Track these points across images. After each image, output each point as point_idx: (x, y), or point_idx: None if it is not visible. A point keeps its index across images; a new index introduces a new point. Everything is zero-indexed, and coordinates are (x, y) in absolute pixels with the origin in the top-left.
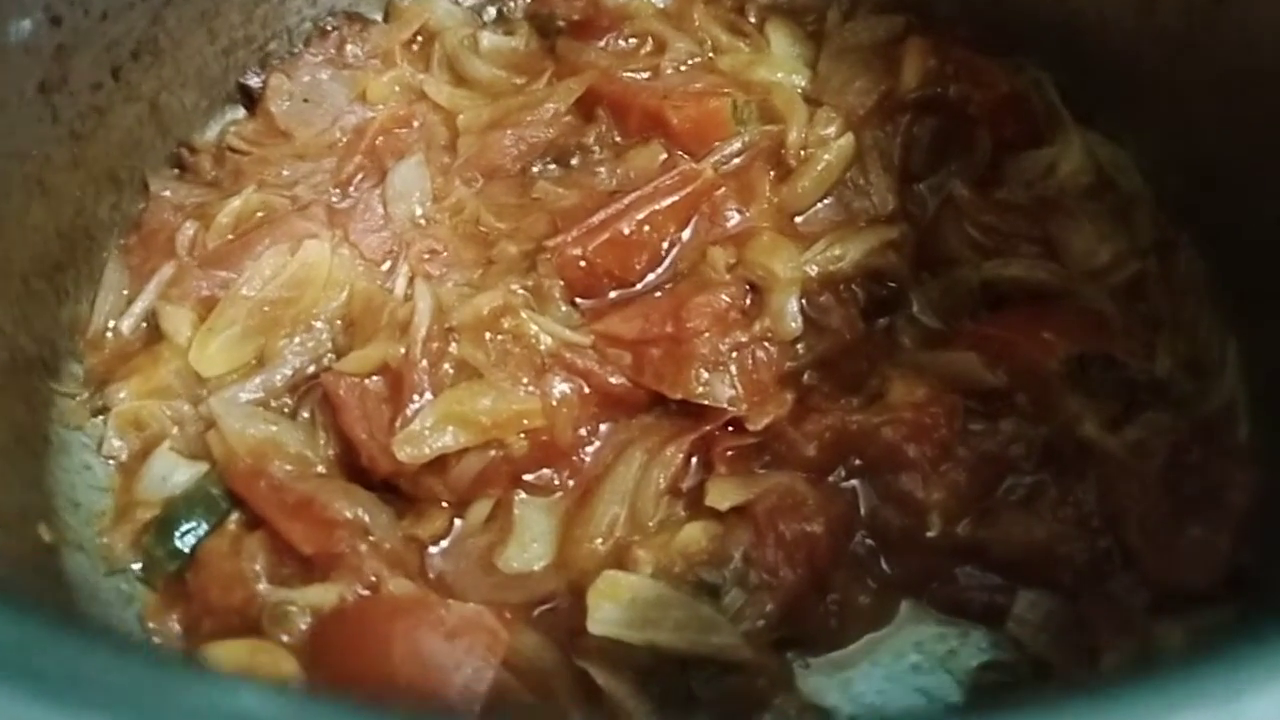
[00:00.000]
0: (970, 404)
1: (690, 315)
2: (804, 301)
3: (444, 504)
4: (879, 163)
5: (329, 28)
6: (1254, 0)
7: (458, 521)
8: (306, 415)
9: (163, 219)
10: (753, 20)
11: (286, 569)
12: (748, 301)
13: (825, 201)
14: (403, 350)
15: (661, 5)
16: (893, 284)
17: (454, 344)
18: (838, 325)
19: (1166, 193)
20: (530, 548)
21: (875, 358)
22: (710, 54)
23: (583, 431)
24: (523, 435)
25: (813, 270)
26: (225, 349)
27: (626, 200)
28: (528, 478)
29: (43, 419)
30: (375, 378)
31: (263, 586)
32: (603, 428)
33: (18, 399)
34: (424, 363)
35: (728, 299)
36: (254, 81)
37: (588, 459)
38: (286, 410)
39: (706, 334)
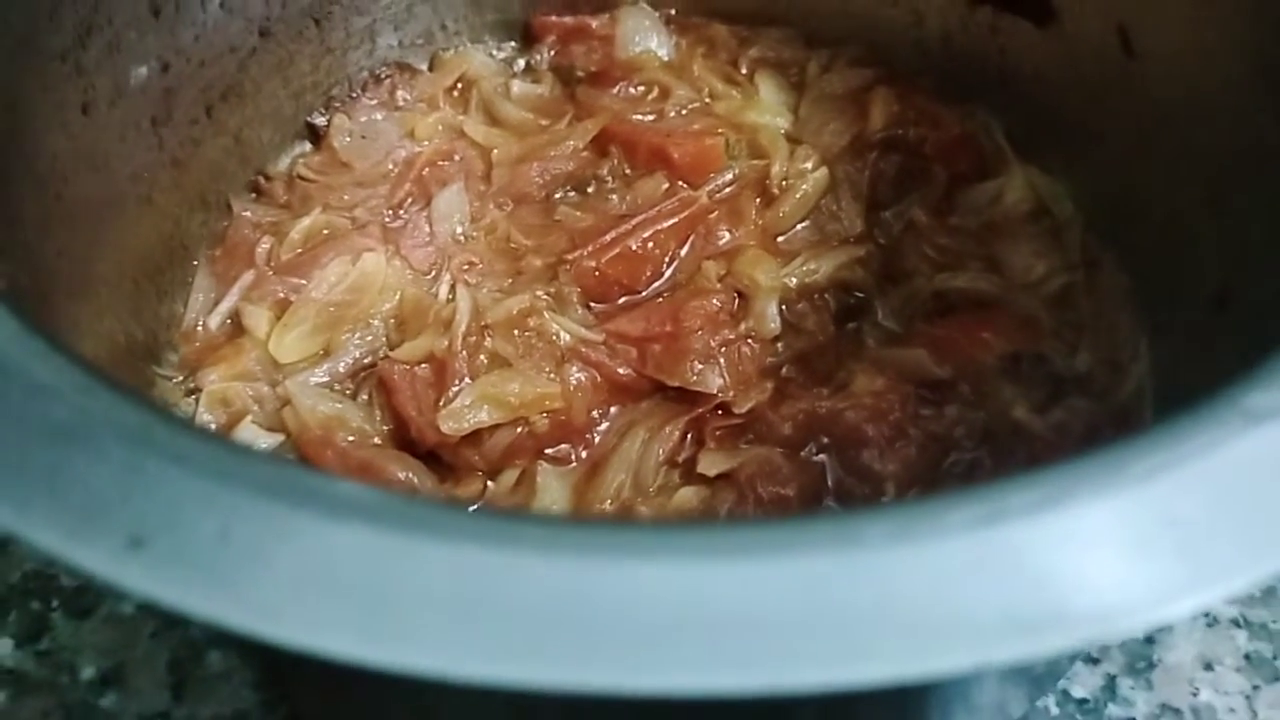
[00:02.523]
0: (921, 393)
1: (687, 317)
2: (783, 307)
3: (479, 471)
4: (850, 192)
5: (383, 76)
6: (1159, 54)
7: (490, 485)
8: (365, 397)
9: (243, 235)
10: (744, 71)
11: None
12: (735, 306)
13: (803, 224)
14: (446, 343)
15: (666, 58)
16: (860, 294)
17: (488, 339)
18: (812, 328)
19: (1093, 218)
20: (550, 509)
21: (843, 355)
22: (707, 100)
23: (595, 414)
24: (544, 415)
25: (792, 281)
26: (298, 341)
27: (634, 222)
28: (548, 451)
29: (147, 397)
30: (423, 366)
31: None
32: (612, 410)
33: (128, 378)
34: (463, 354)
35: (718, 303)
36: (319, 120)
37: (599, 436)
38: (348, 392)
39: (700, 333)
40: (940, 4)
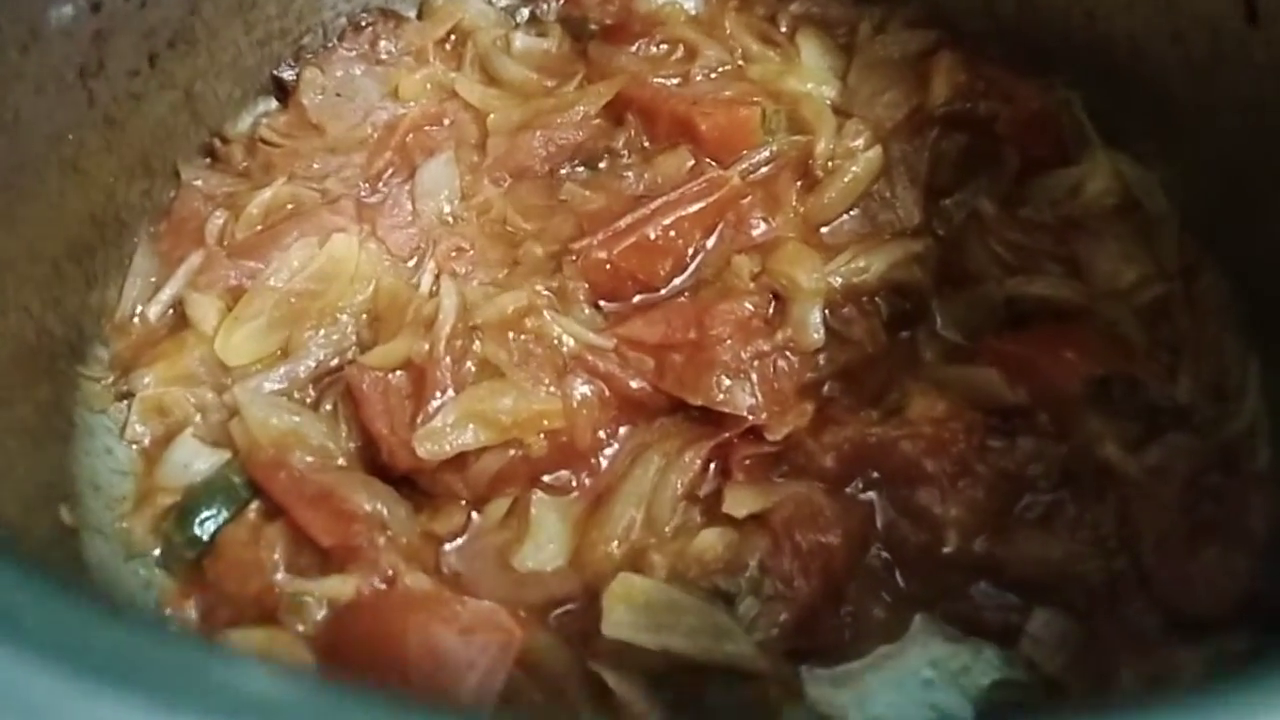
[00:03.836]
0: (990, 420)
1: (713, 322)
2: (827, 312)
3: (461, 501)
4: (906, 176)
5: (363, 23)
6: None
7: (475, 518)
8: (329, 407)
9: (193, 207)
10: (784, 30)
11: (304, 559)
12: (770, 310)
13: (851, 213)
14: (426, 347)
15: (693, 12)
16: (915, 297)
17: (477, 342)
18: (859, 337)
19: (1192, 215)
20: (546, 548)
21: (896, 371)
22: (740, 62)
23: (601, 434)
24: (542, 436)
25: (836, 281)
26: (251, 339)
27: (653, 205)
28: (545, 478)
29: (67, 402)
30: (398, 373)
31: (280, 576)
32: (621, 431)
33: (44, 381)
34: (447, 360)
35: (751, 307)
36: (287, 74)
37: (605, 461)
38: (309, 402)
39: (729, 341)
40: None
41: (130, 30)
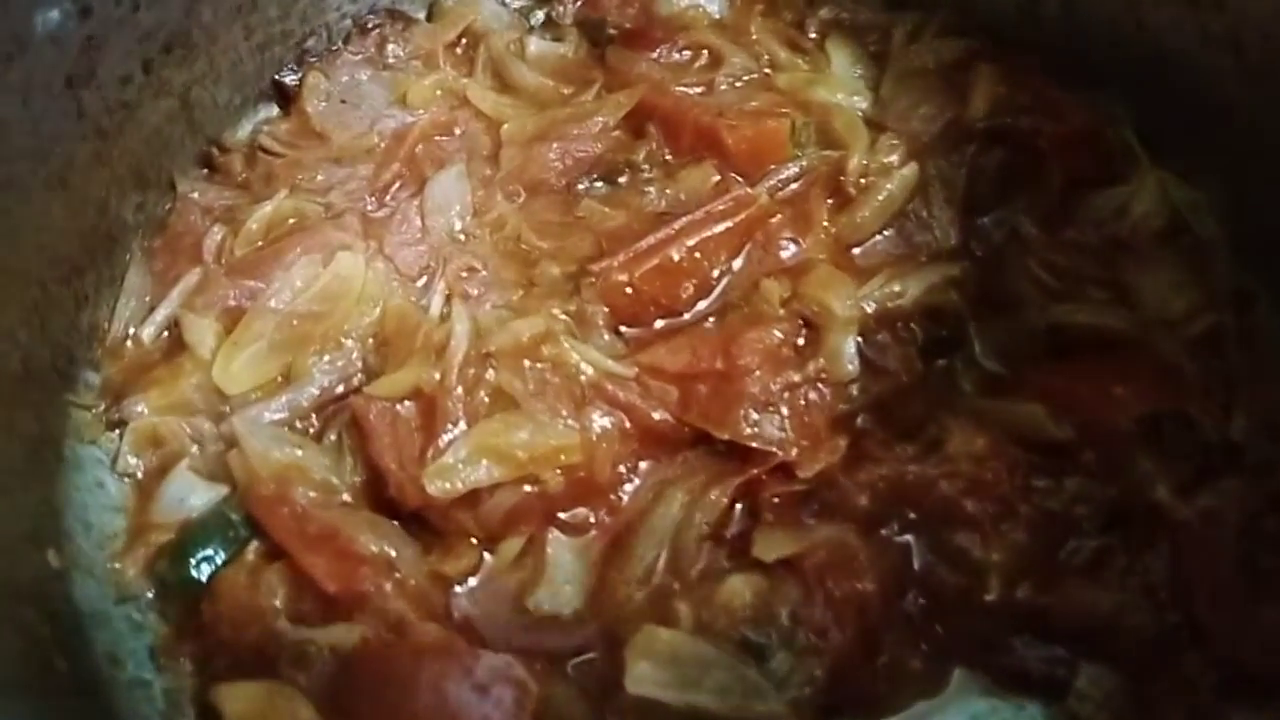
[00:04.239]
0: (1032, 458)
1: (741, 351)
2: (859, 340)
3: (473, 539)
4: (942, 194)
5: (370, 25)
6: None
7: (487, 557)
8: (333, 438)
9: (189, 222)
10: (813, 36)
11: (307, 605)
12: (801, 339)
13: (885, 233)
14: (437, 375)
15: (717, 16)
16: (952, 323)
17: (491, 371)
18: (894, 366)
19: (1245, 240)
20: (562, 590)
21: (933, 402)
22: (767, 70)
23: (621, 469)
24: (558, 471)
25: (870, 307)
26: (250, 365)
27: (677, 225)
28: (562, 516)
29: (56, 432)
30: (407, 403)
31: (281, 623)
32: (642, 465)
33: (30, 411)
34: (459, 390)
35: (781, 335)
36: (290, 79)
37: (625, 498)
38: (312, 432)
39: (757, 372)
40: None
41: (123, 36)
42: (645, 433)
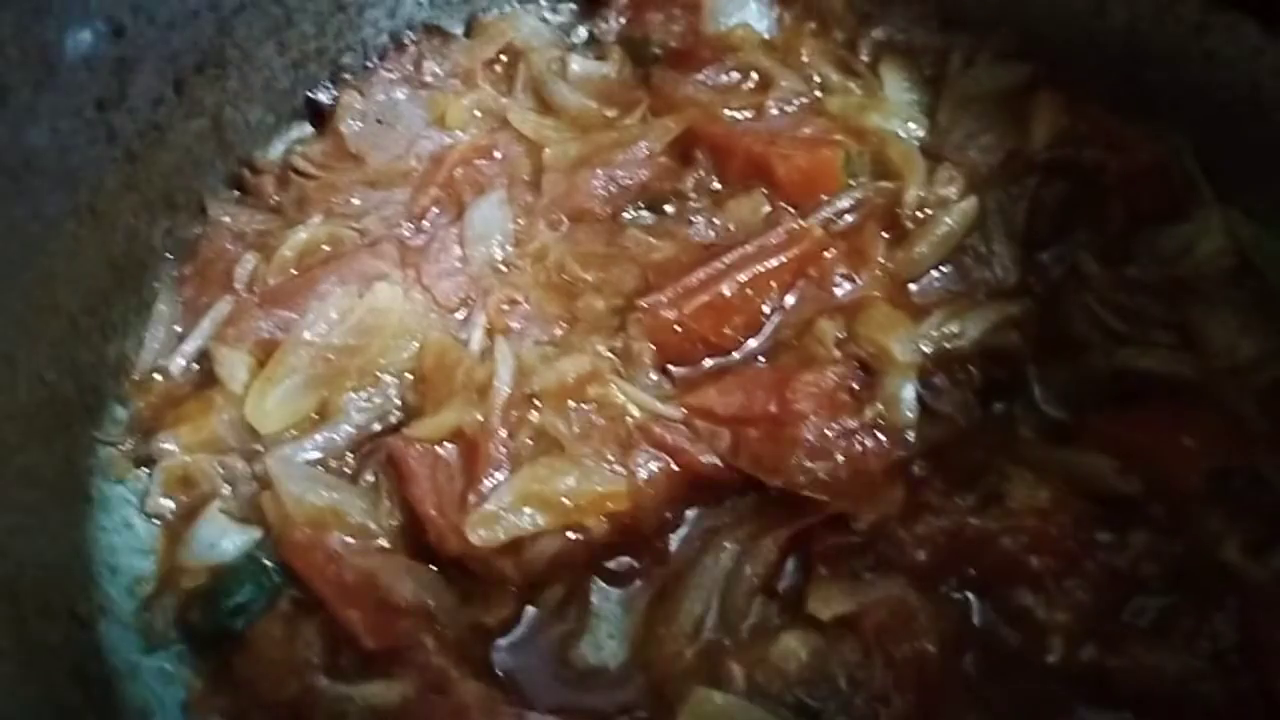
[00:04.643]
0: (1097, 511)
1: (796, 395)
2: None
3: (513, 587)
4: (1002, 229)
5: (407, 41)
6: None
7: (528, 608)
8: (370, 479)
9: (220, 248)
10: (865, 58)
11: (345, 659)
12: (857, 383)
13: (942, 269)
14: (479, 416)
15: (767, 35)
16: (1011, 365)
17: (534, 412)
18: (951, 410)
19: None
20: (606, 643)
21: (992, 449)
22: (818, 93)
23: (667, 514)
24: (603, 517)
25: (927, 348)
26: (284, 402)
27: (727, 259)
28: (606, 564)
29: (82, 471)
30: (447, 444)
31: (318, 679)
32: (689, 513)
33: (57, 450)
34: (502, 432)
35: (836, 378)
36: (324, 97)
37: (672, 546)
38: (348, 472)
39: (812, 417)
40: None
41: (155, 56)
42: (693, 477)
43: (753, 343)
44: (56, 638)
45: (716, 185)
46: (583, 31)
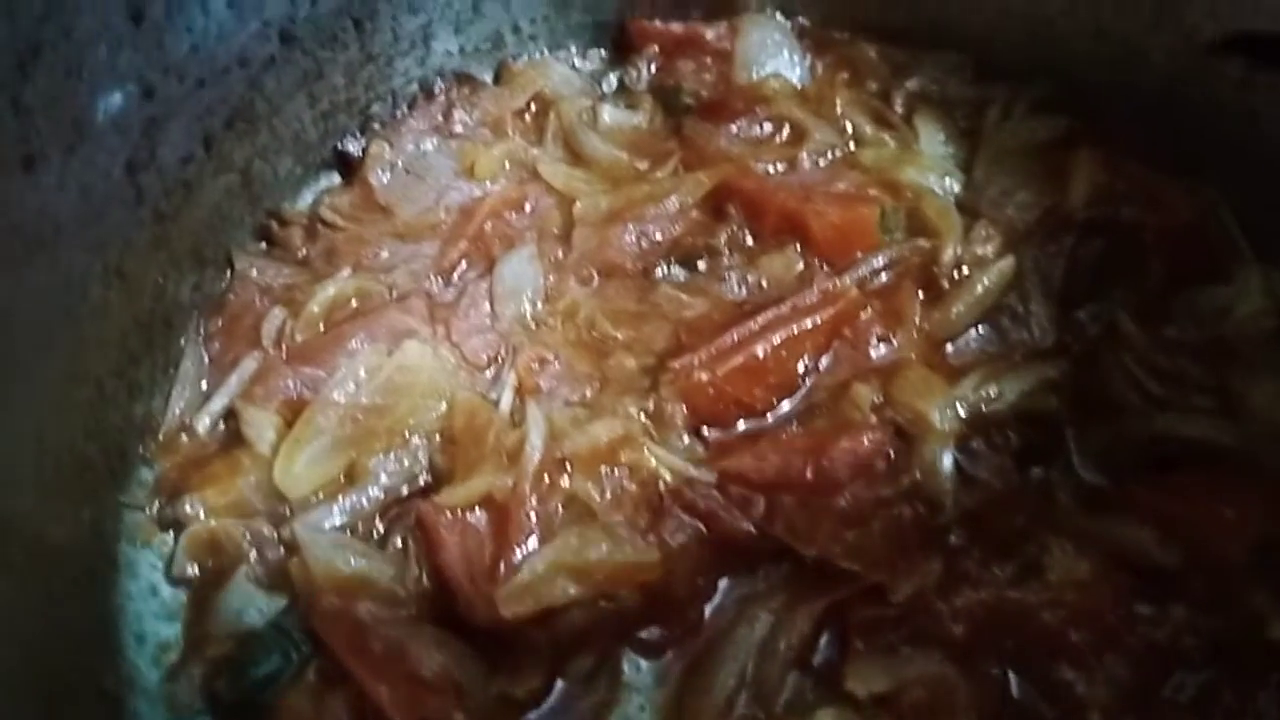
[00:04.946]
0: (1137, 583)
1: (832, 462)
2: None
3: (543, 657)
4: (1039, 288)
5: (437, 90)
6: None
7: (558, 680)
8: (398, 543)
9: (248, 302)
10: (899, 109)
11: None
12: (893, 451)
13: (979, 329)
14: (509, 482)
15: (799, 85)
16: (1048, 428)
17: (566, 477)
18: (988, 475)
19: None
20: (638, 716)
21: (1030, 516)
22: (851, 145)
23: (700, 582)
24: (635, 587)
25: (963, 411)
26: (312, 465)
27: (761, 320)
28: (639, 634)
29: (109, 537)
30: (477, 510)
31: None
32: (722, 583)
33: (83, 519)
34: (533, 499)
35: (872, 445)
36: (353, 147)
37: (705, 615)
38: (376, 536)
39: (848, 486)
40: (1169, 43)
41: (185, 114)
42: (726, 544)
43: (786, 405)
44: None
45: (749, 241)
46: (613, 79)
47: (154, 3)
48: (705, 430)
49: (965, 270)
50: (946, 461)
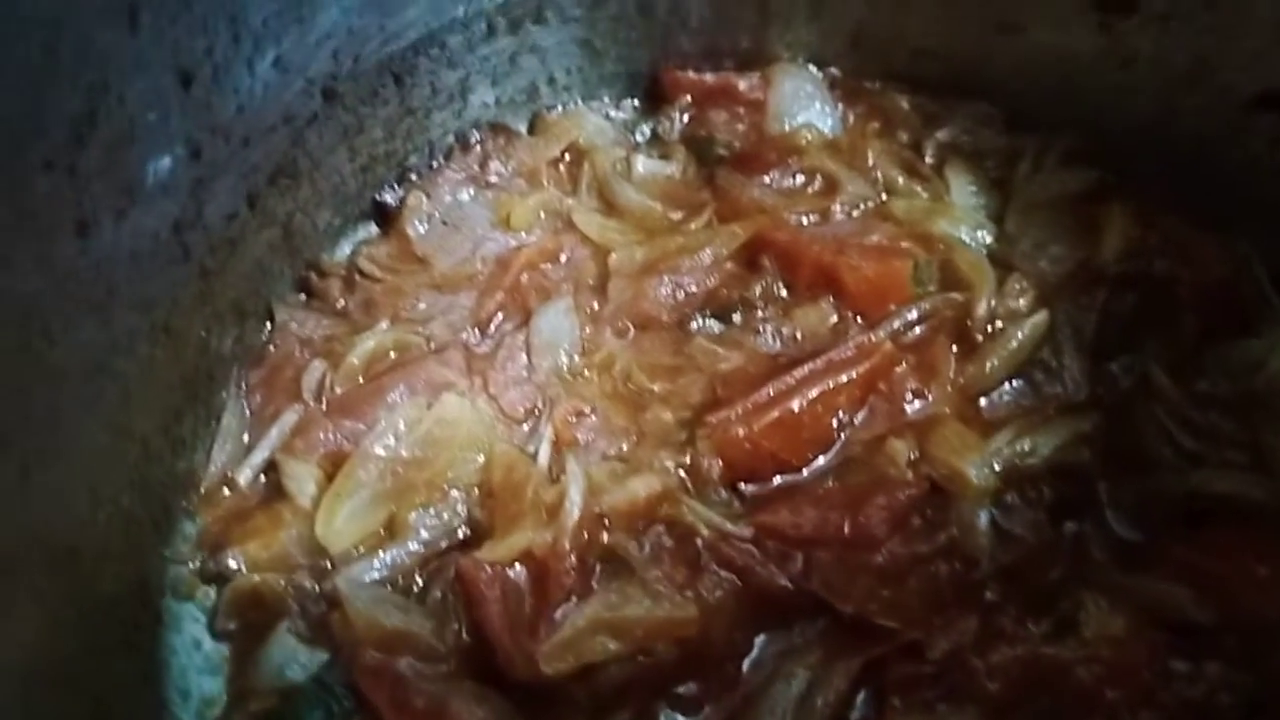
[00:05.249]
0: (1172, 639)
1: (869, 518)
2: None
3: (582, 711)
4: (1072, 341)
5: (473, 140)
6: None
7: None
8: (437, 595)
9: (288, 354)
10: (930, 160)
11: None
12: (929, 508)
13: (1013, 383)
14: (549, 537)
15: (830, 135)
16: (1081, 482)
17: (605, 532)
18: (1022, 530)
19: None
20: None
21: (1065, 572)
22: (883, 195)
23: (737, 637)
24: (673, 642)
25: (998, 466)
26: (353, 519)
27: (797, 374)
28: (676, 689)
29: (153, 590)
30: (517, 566)
31: None
32: (759, 639)
33: (128, 575)
34: (572, 556)
35: (907, 500)
36: (390, 198)
37: (742, 671)
38: (415, 590)
39: (885, 543)
40: (1201, 102)
41: (231, 172)
42: (763, 599)
43: (822, 460)
44: None
45: (783, 293)
46: (646, 129)
47: (203, 66)
48: (741, 485)
49: (999, 324)
50: (984, 519)
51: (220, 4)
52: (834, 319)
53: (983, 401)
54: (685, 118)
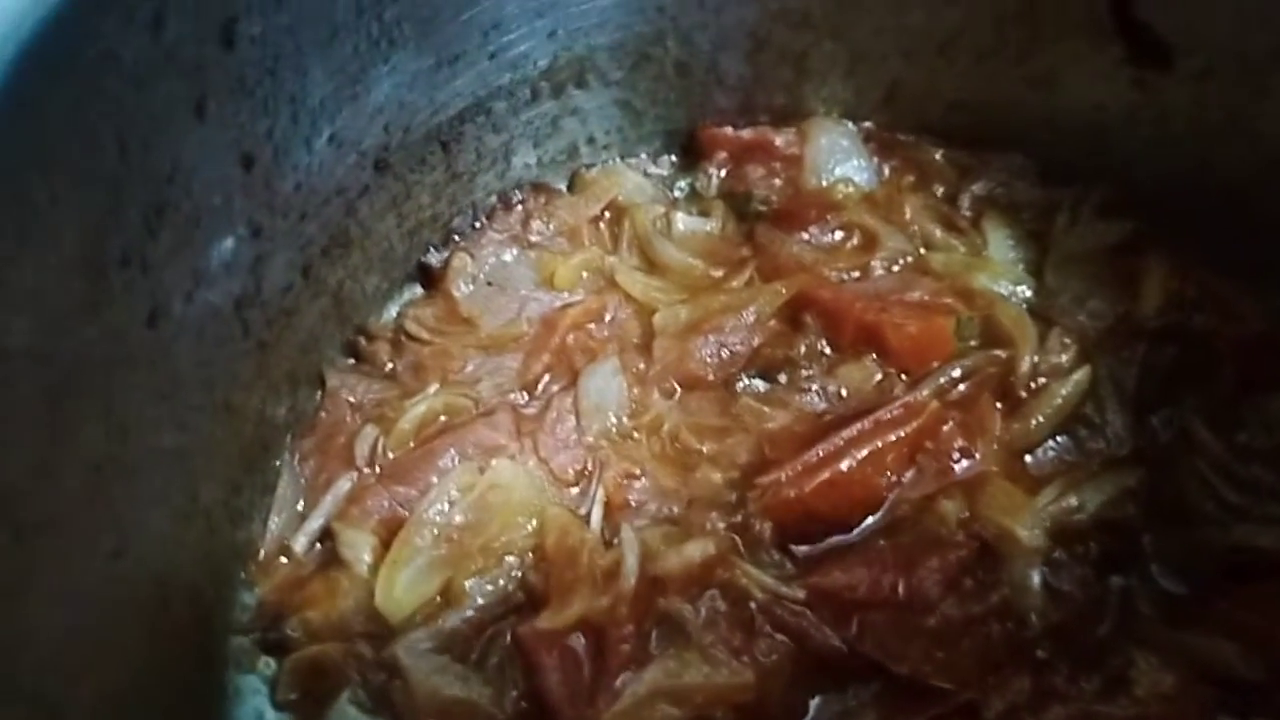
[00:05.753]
0: (1220, 694)
1: (921, 580)
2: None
3: None
4: (1115, 395)
5: (514, 200)
6: None
7: None
8: (494, 662)
9: (339, 419)
10: (967, 213)
11: None
12: (981, 569)
13: (1057, 439)
14: (606, 603)
15: (867, 189)
16: (1126, 536)
17: (660, 598)
18: (1071, 587)
19: None
20: None
21: (1114, 628)
22: (922, 249)
23: (792, 699)
24: (731, 708)
25: (1046, 523)
26: (411, 587)
27: (845, 434)
28: None
29: (216, 664)
30: (575, 634)
31: None
32: (814, 701)
33: (193, 652)
34: (630, 623)
35: (959, 561)
36: (434, 259)
37: None
38: (473, 657)
39: (938, 604)
40: (1235, 154)
41: (288, 247)
42: (817, 662)
43: (870, 519)
44: None
45: (827, 350)
46: (684, 185)
47: (264, 147)
48: (792, 546)
49: (1042, 379)
50: (1035, 578)
51: (281, 86)
52: (878, 376)
53: (1028, 458)
54: (722, 173)
